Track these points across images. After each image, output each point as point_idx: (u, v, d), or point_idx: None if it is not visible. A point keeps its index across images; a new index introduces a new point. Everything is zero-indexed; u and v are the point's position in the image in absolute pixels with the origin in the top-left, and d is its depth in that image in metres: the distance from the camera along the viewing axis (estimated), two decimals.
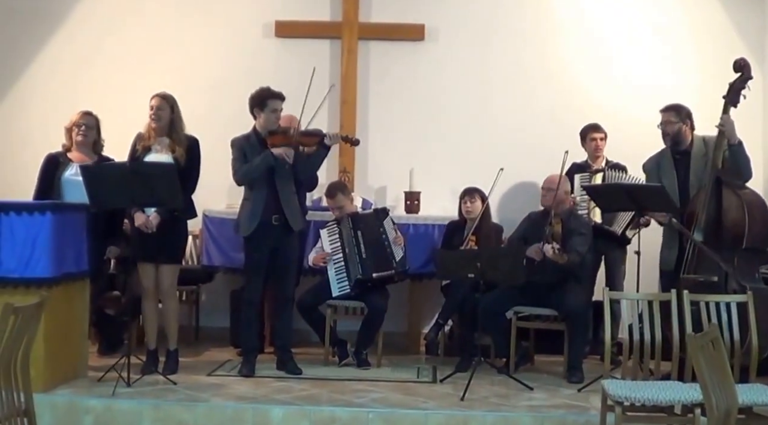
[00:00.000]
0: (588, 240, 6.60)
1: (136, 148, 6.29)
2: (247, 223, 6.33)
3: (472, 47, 8.12)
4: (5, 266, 5.56)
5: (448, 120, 8.10)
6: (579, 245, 6.48)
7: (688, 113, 6.39)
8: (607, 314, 5.47)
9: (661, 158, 6.50)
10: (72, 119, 6.44)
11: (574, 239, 6.50)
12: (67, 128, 6.44)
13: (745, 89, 6.09)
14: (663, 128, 6.38)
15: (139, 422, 5.45)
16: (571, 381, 6.28)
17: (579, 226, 6.64)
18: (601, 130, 7.31)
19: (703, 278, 5.93)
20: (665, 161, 6.45)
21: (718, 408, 3.66)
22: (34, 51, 8.20)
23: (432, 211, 7.67)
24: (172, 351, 6.41)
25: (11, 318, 3.97)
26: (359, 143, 6.80)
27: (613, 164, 7.23)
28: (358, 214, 7.04)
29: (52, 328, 5.60)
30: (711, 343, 3.76)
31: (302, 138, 6.35)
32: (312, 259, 6.93)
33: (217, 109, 7.72)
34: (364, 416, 5.41)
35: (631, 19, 8.11)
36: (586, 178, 7.18)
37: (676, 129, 6.34)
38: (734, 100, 6.09)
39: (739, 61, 6.14)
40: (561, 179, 6.55)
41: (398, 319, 7.54)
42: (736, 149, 6.06)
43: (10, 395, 4.06)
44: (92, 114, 6.50)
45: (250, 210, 6.33)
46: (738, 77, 6.11)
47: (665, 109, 6.41)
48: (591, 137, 7.29)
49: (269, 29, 8.13)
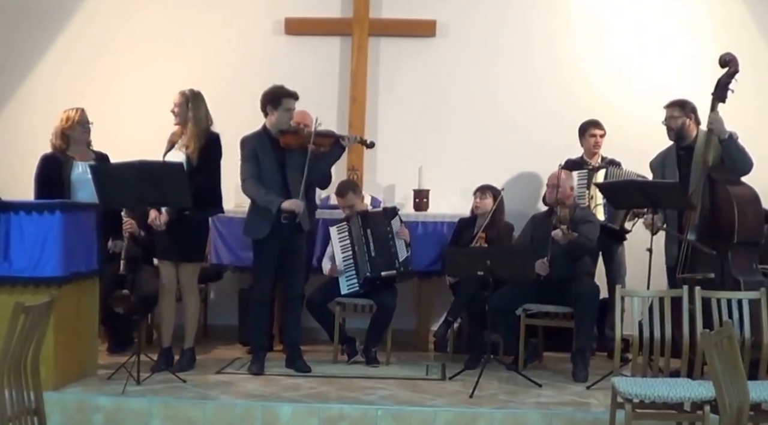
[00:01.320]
0: (595, 229, 6.63)
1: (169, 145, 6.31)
2: (258, 226, 6.30)
3: (483, 44, 8.09)
4: (15, 265, 5.58)
5: (458, 117, 8.08)
6: (588, 232, 6.52)
7: (692, 107, 6.39)
8: (617, 311, 5.46)
9: (666, 154, 6.51)
10: (70, 117, 6.41)
11: (583, 227, 6.52)
12: (64, 128, 6.41)
13: (732, 84, 6.08)
14: (667, 122, 6.40)
15: (149, 420, 5.46)
16: (577, 380, 6.26)
17: (585, 215, 6.69)
18: (601, 127, 7.30)
19: (700, 275, 5.94)
20: (669, 158, 6.46)
21: (731, 405, 3.66)
22: (40, 50, 8.21)
23: (441, 208, 7.65)
24: (187, 349, 6.42)
25: (21, 317, 3.98)
26: (374, 145, 6.78)
27: (608, 161, 7.24)
28: (368, 212, 7.04)
29: (62, 327, 5.62)
30: (725, 340, 3.75)
31: (317, 139, 6.30)
32: (327, 270, 6.91)
33: (226, 106, 7.65)
34: (372, 413, 5.42)
35: (641, 16, 8.07)
36: (583, 174, 7.16)
37: (679, 123, 6.35)
38: (722, 96, 6.11)
39: (725, 56, 6.13)
40: (560, 173, 6.58)
41: (407, 316, 7.53)
42: (728, 143, 6.05)
43: (20, 394, 4.07)
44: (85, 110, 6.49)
45: (260, 212, 6.30)
46: (725, 72, 6.11)
47: (669, 104, 6.43)
48: (591, 133, 7.28)
49: (279, 26, 8.12)
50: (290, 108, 6.32)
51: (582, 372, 6.30)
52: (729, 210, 6.00)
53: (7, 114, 8.25)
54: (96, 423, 5.49)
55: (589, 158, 7.31)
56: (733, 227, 5.96)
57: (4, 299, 5.28)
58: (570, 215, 6.53)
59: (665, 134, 6.43)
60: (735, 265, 5.97)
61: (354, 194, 6.97)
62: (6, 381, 3.96)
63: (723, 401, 3.67)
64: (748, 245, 6.04)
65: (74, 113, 6.44)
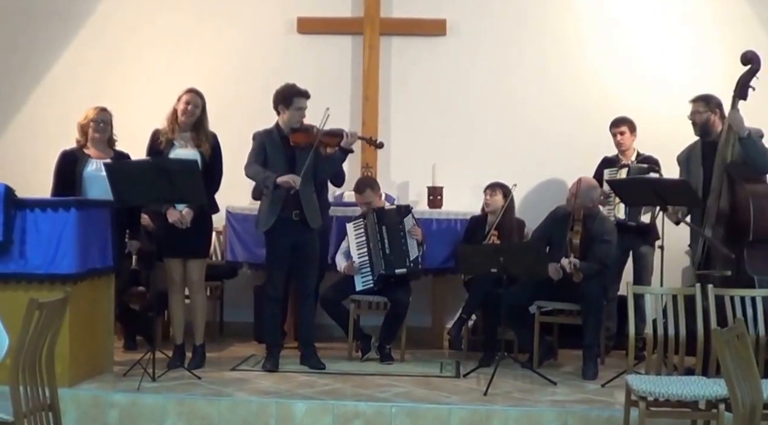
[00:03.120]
0: (612, 249, 6.52)
1: (158, 142, 6.32)
2: (264, 218, 6.37)
3: (494, 42, 8.09)
4: (30, 262, 5.60)
5: (471, 115, 8.08)
6: (601, 254, 6.42)
7: (718, 102, 6.34)
8: (631, 309, 5.44)
9: (692, 149, 6.46)
10: (87, 115, 6.44)
11: (597, 247, 6.45)
12: (82, 124, 6.44)
13: (753, 81, 6.03)
14: (692, 117, 6.35)
15: (164, 416, 5.48)
16: (585, 378, 6.25)
17: (603, 232, 6.53)
18: (619, 125, 7.24)
19: (717, 273, 5.91)
20: (695, 153, 6.41)
21: (744, 403, 3.64)
22: (57, 51, 8.26)
23: (455, 206, 7.65)
24: (198, 346, 6.44)
25: (36, 314, 4.00)
26: (383, 146, 6.80)
27: (643, 158, 7.17)
28: (384, 209, 7.04)
29: (77, 324, 5.65)
30: (737, 338, 3.74)
31: (324, 138, 6.33)
32: (342, 268, 6.93)
33: (239, 105, 7.74)
34: (387, 410, 5.42)
35: (654, 12, 8.03)
36: (613, 172, 7.14)
37: (704, 119, 6.30)
38: (743, 94, 6.06)
39: (747, 53, 6.09)
40: (578, 185, 6.55)
41: (422, 314, 7.54)
42: (746, 142, 6.00)
43: (36, 390, 4.10)
44: (107, 110, 6.50)
45: (268, 206, 6.36)
46: (746, 70, 6.07)
47: (695, 99, 6.38)
48: (612, 131, 7.25)
49: (291, 25, 8.14)
50: (301, 107, 6.33)
51: (591, 370, 6.29)
52: (745, 207, 5.96)
53: (26, 113, 8.30)
54: (111, 419, 5.52)
55: (621, 155, 7.28)
56: (748, 225, 5.93)
57: (20, 295, 5.34)
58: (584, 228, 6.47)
59: (685, 129, 6.39)
60: (750, 263, 5.93)
61: (372, 191, 6.98)
62: (21, 377, 3.98)
63: (735, 399, 3.66)
64: (764, 243, 5.99)
65: (92, 111, 6.47)
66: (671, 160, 6.68)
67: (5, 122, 8.31)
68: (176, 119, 6.32)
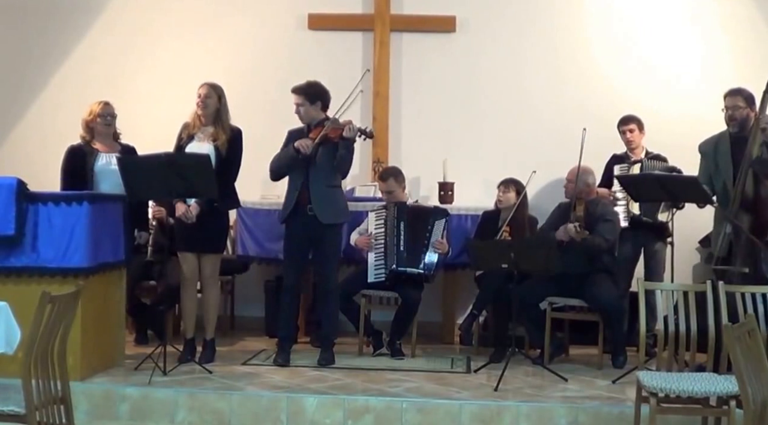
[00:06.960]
0: (614, 228, 6.59)
1: (182, 136, 6.35)
2: (283, 211, 6.43)
3: (504, 38, 8.08)
4: (43, 255, 5.63)
5: (481, 111, 8.07)
6: (605, 232, 6.48)
7: (753, 97, 6.15)
8: (642, 306, 5.42)
9: (719, 140, 6.27)
10: (93, 111, 6.46)
11: (599, 226, 6.50)
12: (87, 120, 6.46)
13: None
14: (731, 112, 6.12)
15: (175, 410, 5.50)
16: (615, 366, 6.34)
17: (605, 213, 6.63)
18: (628, 123, 7.19)
19: (736, 270, 5.86)
20: (722, 144, 6.23)
21: (755, 399, 3.63)
22: (69, 47, 8.28)
23: (465, 201, 7.63)
24: (209, 340, 6.46)
25: (48, 307, 4.03)
26: (373, 135, 6.80)
27: (653, 155, 7.13)
28: (406, 204, 7.04)
29: (89, 317, 5.68)
30: (747, 334, 3.73)
31: (330, 129, 6.33)
32: (357, 240, 6.93)
33: (250, 101, 7.72)
34: (398, 405, 5.43)
35: (663, 11, 8.00)
36: (624, 168, 7.12)
37: (745, 114, 6.10)
38: None
39: None
40: (579, 169, 6.54)
41: (433, 309, 7.54)
42: None
43: (47, 383, 4.13)
44: (110, 103, 6.54)
45: (286, 198, 6.44)
46: None
47: (733, 93, 6.16)
48: (620, 129, 7.21)
49: (302, 22, 8.14)
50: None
51: (621, 356, 6.44)
52: (765, 204, 5.90)
53: (38, 108, 8.33)
54: (122, 412, 5.54)
55: (630, 153, 7.25)
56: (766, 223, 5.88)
57: (32, 289, 5.36)
58: (586, 212, 6.50)
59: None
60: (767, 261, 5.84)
61: (395, 181, 6.98)
62: (33, 370, 4.01)
63: (746, 395, 3.65)
64: None
65: (96, 106, 6.49)
66: (679, 157, 6.65)
67: (16, 119, 8.34)
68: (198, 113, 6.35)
